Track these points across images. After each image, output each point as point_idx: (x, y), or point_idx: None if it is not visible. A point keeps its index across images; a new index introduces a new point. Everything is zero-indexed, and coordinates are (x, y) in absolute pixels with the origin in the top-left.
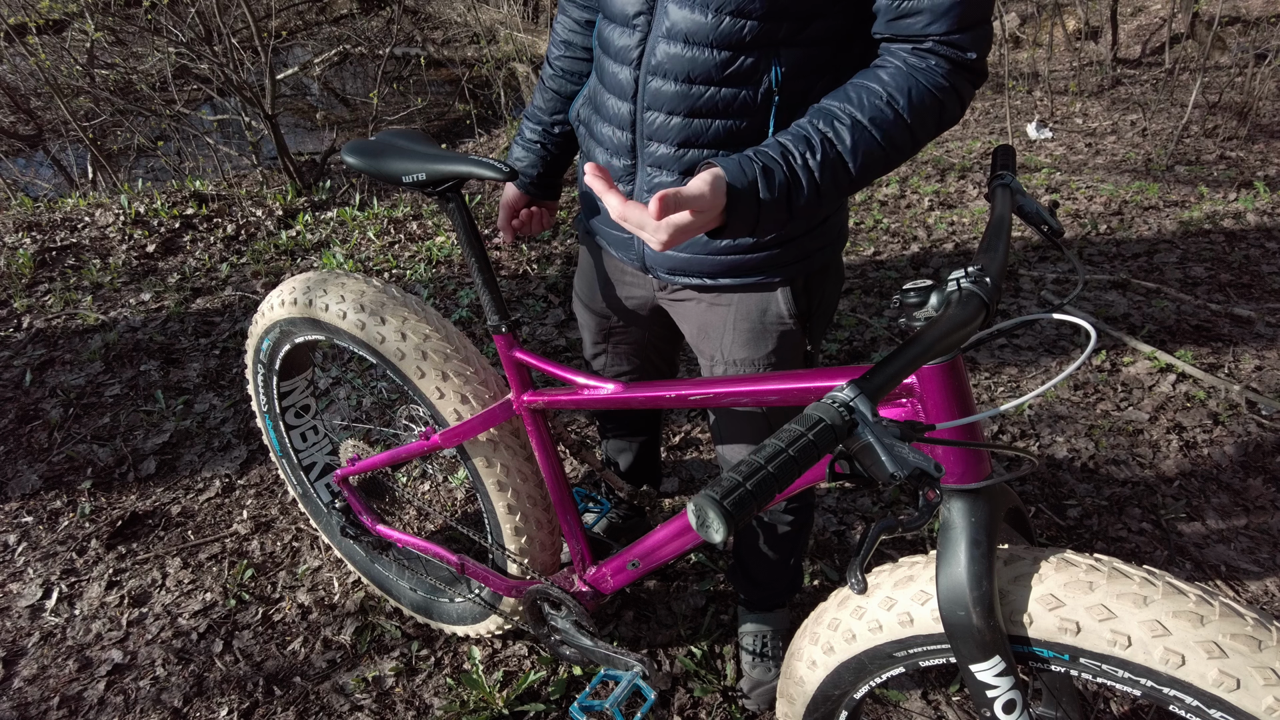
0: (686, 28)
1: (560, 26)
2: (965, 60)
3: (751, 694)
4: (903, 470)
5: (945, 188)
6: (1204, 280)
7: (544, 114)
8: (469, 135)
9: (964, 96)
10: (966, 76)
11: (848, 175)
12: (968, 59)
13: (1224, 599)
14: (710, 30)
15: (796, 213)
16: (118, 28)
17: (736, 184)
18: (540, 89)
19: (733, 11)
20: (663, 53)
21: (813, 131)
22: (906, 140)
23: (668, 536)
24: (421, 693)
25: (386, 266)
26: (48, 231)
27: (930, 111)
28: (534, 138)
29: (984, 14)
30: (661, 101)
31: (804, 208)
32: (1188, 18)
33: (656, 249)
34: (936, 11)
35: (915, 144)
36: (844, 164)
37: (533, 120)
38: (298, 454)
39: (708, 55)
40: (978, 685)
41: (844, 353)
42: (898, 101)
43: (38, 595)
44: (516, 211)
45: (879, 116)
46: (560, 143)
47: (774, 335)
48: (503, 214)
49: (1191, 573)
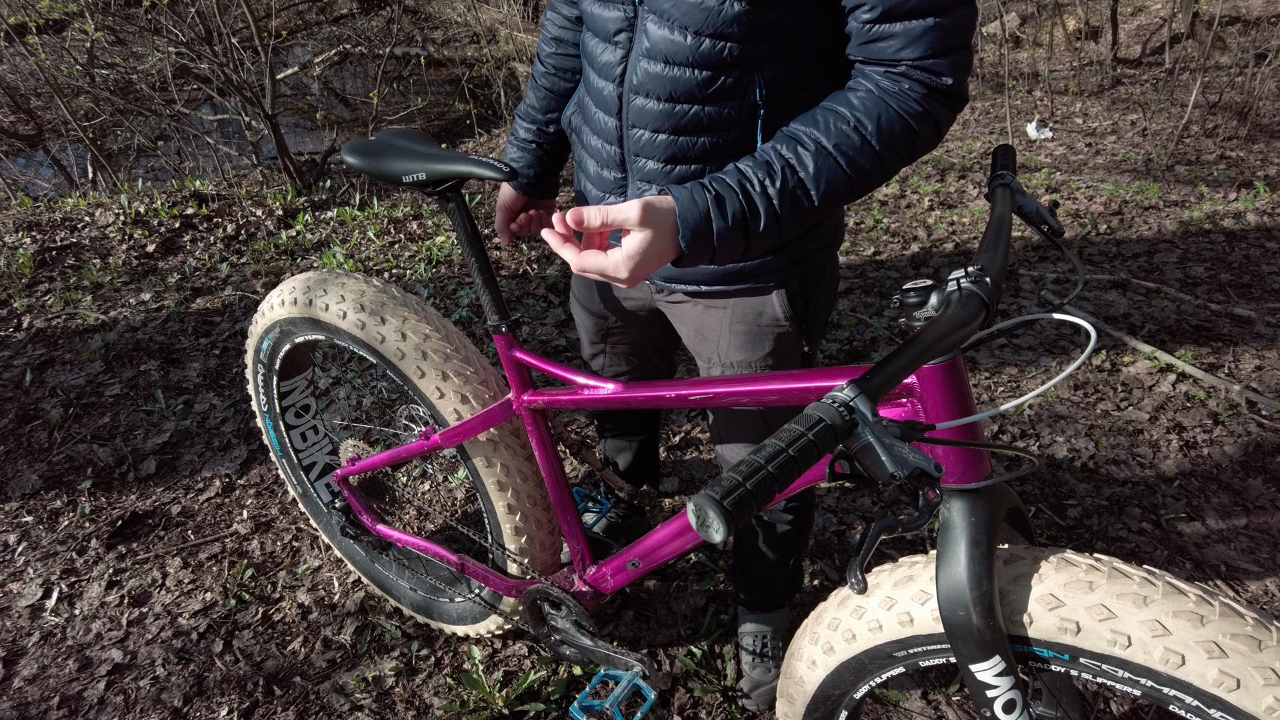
0: (666, 49)
1: (550, 23)
2: (940, 86)
3: (752, 694)
4: (903, 470)
5: (945, 188)
6: (1204, 280)
7: (538, 112)
8: (469, 135)
9: (940, 123)
10: (943, 102)
11: (810, 203)
12: (943, 84)
13: (1224, 599)
14: (690, 51)
15: (755, 241)
16: (118, 28)
17: (687, 215)
18: (533, 87)
19: (711, 34)
20: (644, 72)
21: (775, 157)
22: (874, 167)
23: (668, 536)
24: (421, 692)
25: (386, 266)
26: (48, 231)
27: (901, 138)
28: (529, 137)
29: (961, 39)
30: (646, 119)
31: (762, 236)
32: (1188, 18)
33: (625, 285)
34: (910, 35)
35: (884, 171)
36: (805, 191)
37: (526, 119)
38: (298, 454)
39: (689, 75)
40: (978, 685)
41: (844, 353)
42: (865, 127)
43: (38, 595)
44: (514, 213)
45: (844, 143)
46: (556, 140)
47: (770, 338)
48: (500, 216)
49: (1191, 573)
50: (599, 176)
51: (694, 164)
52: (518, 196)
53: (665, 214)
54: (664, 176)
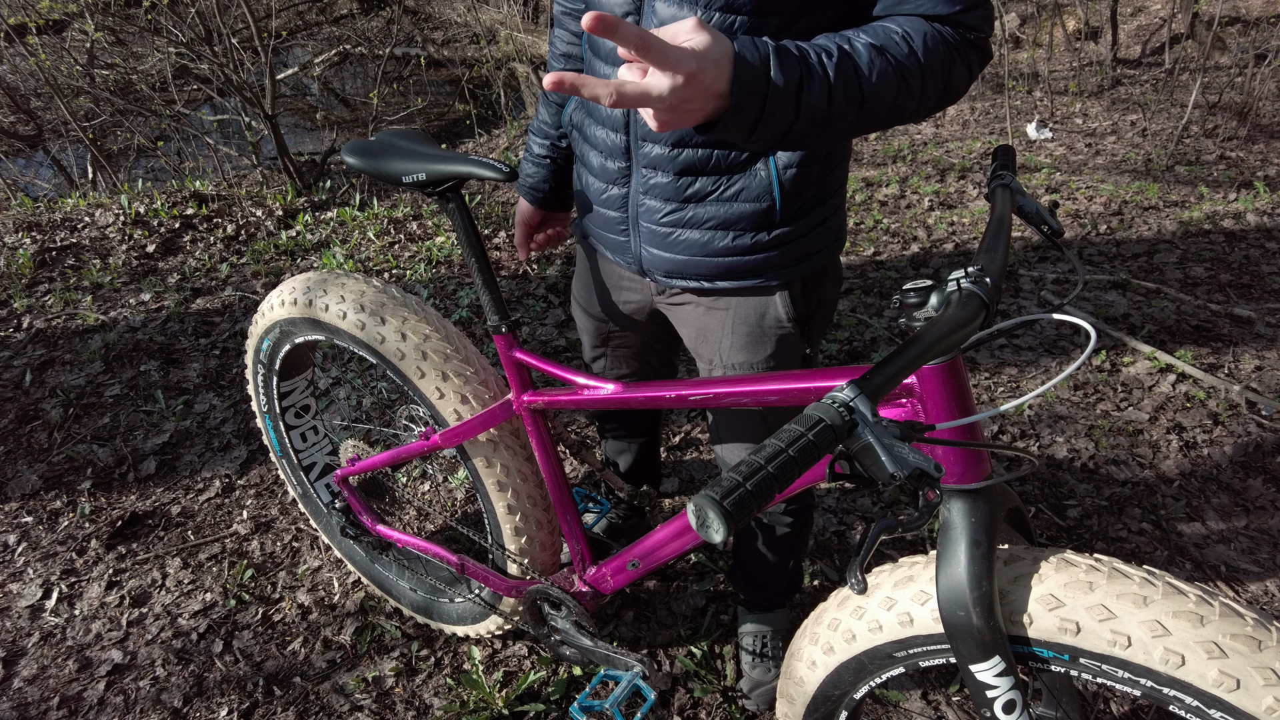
0: None
1: (559, 40)
2: (969, 38)
3: (751, 694)
4: (903, 470)
5: (945, 188)
6: (1204, 280)
7: (550, 127)
8: (469, 135)
9: (972, 68)
10: (973, 54)
11: (859, 88)
12: (971, 37)
13: (1224, 599)
14: None
15: (805, 112)
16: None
17: (746, 53)
18: (544, 103)
19: (722, 8)
20: None
21: (828, 41)
22: (916, 81)
23: (668, 537)
24: (421, 693)
25: (386, 266)
26: (48, 231)
27: (941, 61)
28: (542, 152)
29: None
30: None
31: (813, 109)
32: (1188, 18)
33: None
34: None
35: (924, 90)
36: (859, 74)
37: (539, 135)
38: (298, 454)
39: None
40: (978, 685)
41: (844, 353)
42: (912, 39)
43: (38, 595)
44: (532, 228)
45: (891, 47)
46: (568, 154)
47: (772, 339)
48: (520, 232)
49: (1191, 573)
50: (603, 168)
51: (700, 148)
52: (535, 211)
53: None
54: (669, 163)
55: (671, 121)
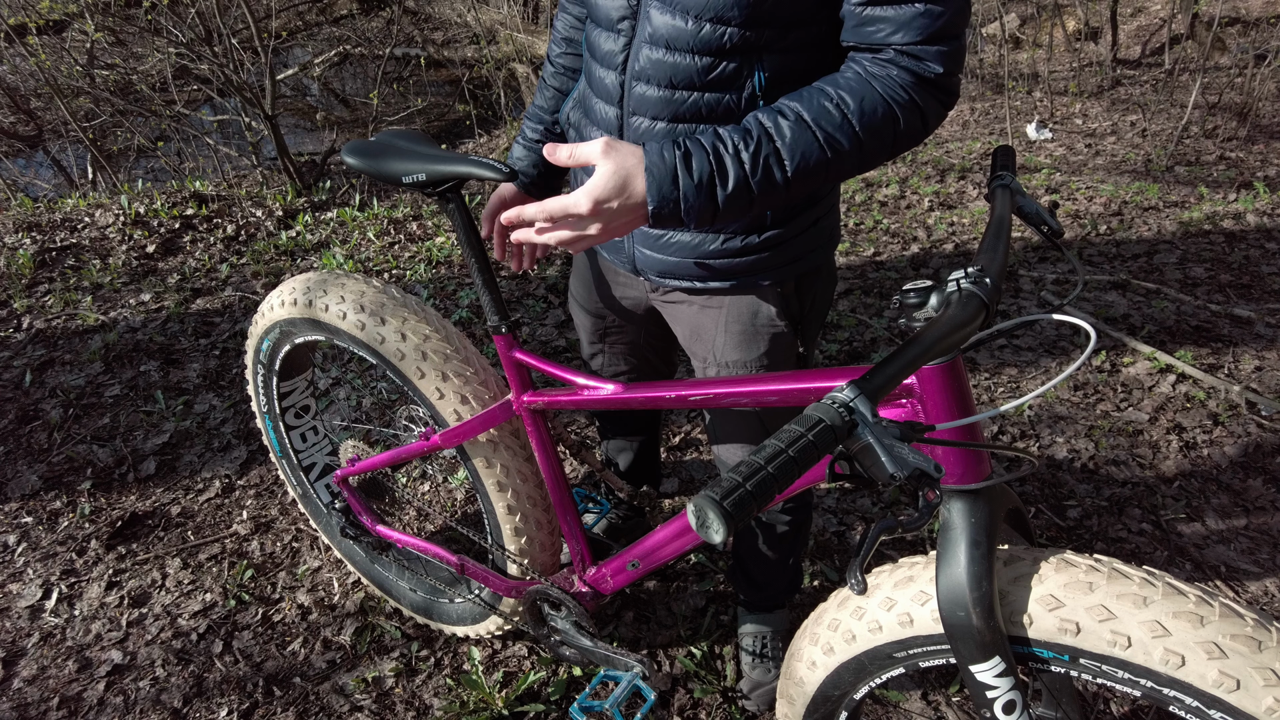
0: (668, 34)
1: (561, 24)
2: (928, 75)
3: (751, 695)
4: (903, 471)
5: (945, 188)
6: (1204, 281)
7: (546, 113)
8: (469, 135)
9: (927, 115)
10: (931, 94)
11: (783, 173)
12: (931, 73)
13: (1224, 599)
14: (691, 37)
15: (725, 206)
16: (118, 28)
17: (654, 169)
18: (542, 87)
19: (712, 19)
20: (645, 58)
21: (754, 124)
22: (852, 149)
23: (668, 537)
24: (421, 693)
25: (386, 267)
26: (48, 232)
27: (883, 123)
28: (536, 137)
29: (952, 30)
30: (646, 106)
31: (731, 201)
32: (1187, 18)
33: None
34: (900, 20)
35: (862, 154)
36: (779, 160)
37: (534, 120)
38: (298, 454)
39: (689, 61)
40: (978, 686)
41: (844, 353)
42: (847, 105)
43: (38, 596)
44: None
45: (824, 118)
46: (561, 140)
47: (766, 337)
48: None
49: (1191, 573)
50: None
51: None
52: (519, 195)
53: (629, 155)
54: None
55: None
